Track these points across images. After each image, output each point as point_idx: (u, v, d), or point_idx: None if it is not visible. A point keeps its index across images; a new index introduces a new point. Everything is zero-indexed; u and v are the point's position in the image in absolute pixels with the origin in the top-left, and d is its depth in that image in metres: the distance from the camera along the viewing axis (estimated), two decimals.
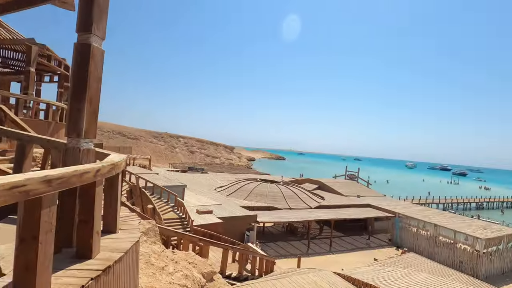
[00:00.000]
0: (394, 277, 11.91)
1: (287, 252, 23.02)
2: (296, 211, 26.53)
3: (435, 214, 29.87)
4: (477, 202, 62.90)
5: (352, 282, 10.05)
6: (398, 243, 28.04)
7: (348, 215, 27.12)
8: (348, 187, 40.47)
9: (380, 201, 35.15)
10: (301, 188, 33.81)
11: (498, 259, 23.59)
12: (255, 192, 29.77)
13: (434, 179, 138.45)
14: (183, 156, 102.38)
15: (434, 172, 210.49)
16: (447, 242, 24.66)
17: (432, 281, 11.64)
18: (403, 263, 17.12)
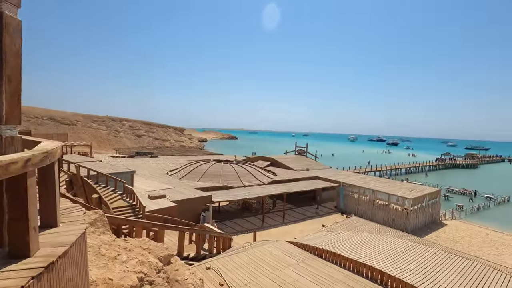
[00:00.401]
0: (340, 239, 13.20)
1: (243, 228, 23.79)
2: (250, 188, 27.26)
3: (373, 181, 33.43)
4: (406, 167, 71.88)
5: (304, 248, 10.90)
6: (343, 209, 30.96)
7: (298, 188, 28.79)
8: (298, 162, 42.67)
9: (327, 172, 37.94)
10: (254, 166, 34.63)
11: (422, 214, 27.69)
12: (209, 173, 29.65)
13: (372, 150, 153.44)
14: (128, 140, 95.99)
15: (372, 144, 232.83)
16: (383, 204, 28.00)
17: (371, 239, 13.22)
18: (347, 226, 19.07)
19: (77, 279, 2.71)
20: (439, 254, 11.49)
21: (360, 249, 11.35)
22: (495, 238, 25.94)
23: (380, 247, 11.84)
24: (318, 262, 9.63)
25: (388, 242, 12.53)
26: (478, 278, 9.67)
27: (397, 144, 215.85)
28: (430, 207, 29.00)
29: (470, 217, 33.01)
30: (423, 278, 9.05)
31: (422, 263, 10.47)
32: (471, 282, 9.27)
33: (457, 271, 10.00)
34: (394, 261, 10.39)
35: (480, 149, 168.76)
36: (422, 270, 9.74)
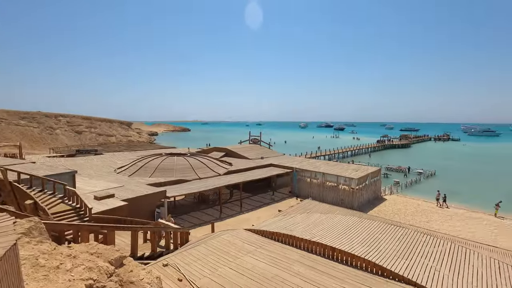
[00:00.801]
0: (294, 222, 13.85)
1: (201, 220, 23.54)
2: (206, 180, 26.92)
3: (323, 165, 35.55)
4: (352, 150, 77.81)
5: (262, 234, 11.23)
6: (297, 193, 32.47)
7: (254, 176, 29.30)
8: (253, 151, 43.25)
9: (281, 159, 39.20)
10: (209, 157, 34.18)
11: (366, 192, 30.42)
12: (162, 168, 28.46)
13: (321, 135, 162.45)
14: (67, 138, 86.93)
15: (321, 130, 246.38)
16: (332, 185, 30.03)
17: (323, 219, 14.15)
18: (301, 209, 20.08)
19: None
20: (381, 226, 12.80)
21: (313, 229, 12.07)
22: (425, 207, 29.77)
23: (331, 226, 12.74)
24: (276, 245, 10.01)
25: (337, 220, 13.53)
26: (412, 242, 11.04)
27: (343, 129, 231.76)
28: (373, 184, 31.98)
29: (405, 191, 37.26)
30: (368, 248, 10.01)
31: (367, 235, 11.56)
32: (407, 247, 10.55)
33: (395, 239, 11.28)
34: (343, 236, 11.28)
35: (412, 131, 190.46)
36: (367, 242, 10.77)
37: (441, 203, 30.58)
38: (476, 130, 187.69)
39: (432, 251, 10.49)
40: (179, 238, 12.13)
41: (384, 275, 8.02)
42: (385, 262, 8.65)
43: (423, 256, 9.92)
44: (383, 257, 9.29)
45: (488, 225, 24.83)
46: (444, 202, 30.67)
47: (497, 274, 9.41)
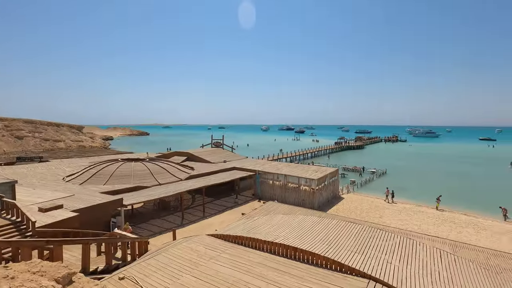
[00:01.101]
0: (258, 224, 13.94)
1: (161, 228, 22.57)
2: (166, 186, 25.93)
3: (285, 167, 36.39)
4: (312, 152, 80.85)
5: (225, 238, 11.11)
6: (260, 196, 32.78)
7: (217, 180, 28.93)
8: (215, 154, 42.77)
9: (243, 162, 39.30)
10: (170, 162, 33.02)
11: (325, 191, 31.77)
12: (118, 174, 26.78)
13: (282, 138, 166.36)
14: (5, 143, 77.85)
15: (282, 132, 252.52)
16: (294, 186, 30.86)
17: (285, 220, 14.45)
18: (264, 211, 20.31)
19: None
20: (339, 224, 13.45)
21: (276, 231, 12.26)
22: (378, 204, 31.99)
23: (293, 226, 13.06)
24: (239, 249, 9.97)
25: (299, 221, 13.92)
26: (367, 238, 11.77)
27: (303, 131, 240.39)
28: (331, 184, 33.53)
29: (360, 189, 39.69)
30: (328, 246, 10.44)
31: (327, 233, 12.07)
32: (363, 242, 11.21)
33: (352, 235, 11.93)
34: (305, 236, 11.63)
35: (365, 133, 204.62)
36: (327, 239, 11.23)
37: (390, 199, 33.19)
38: (420, 132, 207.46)
39: (384, 245, 11.29)
40: (137, 248, 11.47)
41: (343, 270, 8.43)
42: (343, 258, 9.10)
43: (377, 250, 10.62)
44: (341, 253, 9.77)
45: (431, 218, 27.46)
46: (392, 198, 33.32)
47: (439, 261, 10.44)
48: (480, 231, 24.15)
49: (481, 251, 15.51)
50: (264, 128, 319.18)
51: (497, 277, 10.89)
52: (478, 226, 25.55)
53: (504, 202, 31.79)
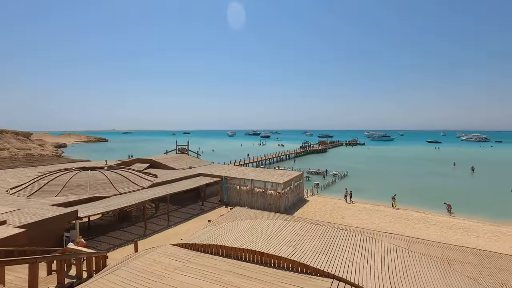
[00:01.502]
0: (224, 230, 13.78)
1: (122, 240, 21.28)
2: (127, 195, 24.56)
3: (251, 172, 36.53)
4: (277, 156, 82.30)
5: (190, 247, 10.79)
6: (227, 202, 32.48)
7: (182, 187, 28.11)
8: (180, 161, 41.60)
9: (209, 168, 38.72)
10: (131, 170, 31.40)
11: (291, 195, 32.44)
12: (72, 184, 24.79)
13: (248, 143, 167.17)
14: None
15: (248, 137, 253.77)
16: (261, 191, 31.08)
17: (252, 225, 14.46)
18: (231, 217, 20.12)
19: None
20: (304, 226, 13.79)
21: (243, 237, 12.21)
22: (340, 205, 33.43)
23: (260, 231, 13.10)
24: (206, 258, 9.75)
25: (266, 225, 14.01)
26: (330, 238, 12.22)
27: (269, 136, 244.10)
28: (297, 188, 34.35)
29: (324, 192, 41.19)
30: (294, 249, 10.63)
31: (293, 236, 12.29)
32: (327, 243, 11.61)
33: (317, 237, 12.29)
34: (272, 240, 11.73)
35: (327, 137, 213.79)
36: (293, 242, 11.43)
37: (349, 199, 35.03)
38: (376, 136, 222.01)
39: (346, 244, 11.80)
40: (94, 263, 10.68)
41: (308, 272, 8.63)
42: (308, 259, 9.33)
43: (340, 249, 11.07)
44: (307, 255, 10.01)
45: (388, 216, 29.35)
46: (350, 198, 35.19)
47: (395, 257, 11.17)
48: (430, 226, 26.33)
49: (431, 245, 16.89)
50: (230, 133, 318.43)
51: (445, 267, 11.93)
52: (428, 221, 27.86)
53: (448, 199, 35.12)
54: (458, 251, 15.25)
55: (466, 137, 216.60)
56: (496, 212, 32.43)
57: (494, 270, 12.90)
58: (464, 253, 14.92)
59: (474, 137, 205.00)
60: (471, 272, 12.75)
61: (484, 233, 24.72)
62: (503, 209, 34.01)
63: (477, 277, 12.34)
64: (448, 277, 10.84)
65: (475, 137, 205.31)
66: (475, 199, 38.60)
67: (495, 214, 31.37)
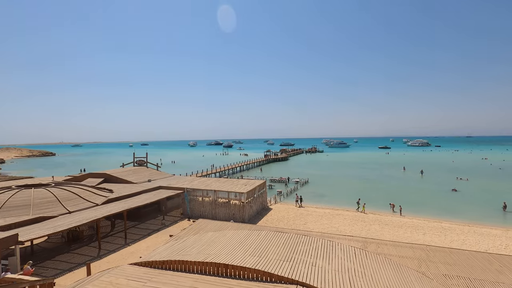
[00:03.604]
0: (187, 245, 13.32)
1: (72, 263, 19.38)
2: (78, 213, 22.57)
3: (214, 182, 36.00)
4: (241, 165, 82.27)
5: (150, 265, 10.22)
6: (189, 214, 31.49)
7: (140, 201, 26.63)
8: (138, 174, 39.55)
9: (170, 181, 37.34)
10: (82, 186, 29.01)
11: (255, 204, 32.55)
12: (11, 205, 22.11)
13: (211, 153, 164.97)
14: None
15: (211, 147, 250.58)
16: (224, 202, 30.71)
17: (216, 237, 14.19)
18: (194, 230, 19.54)
19: None
20: (268, 235, 13.91)
21: (207, 249, 11.92)
22: (303, 211, 34.35)
23: (224, 242, 12.92)
24: (166, 275, 9.31)
25: (229, 236, 13.86)
26: (294, 245, 12.47)
27: (231, 146, 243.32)
28: (260, 196, 34.59)
29: (286, 199, 42.01)
30: (258, 258, 10.66)
31: (257, 246, 12.32)
32: (290, 250, 11.83)
33: (280, 244, 12.47)
34: (236, 251, 11.62)
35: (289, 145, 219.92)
36: (257, 252, 11.46)
37: (299, 204, 36.90)
38: (334, 143, 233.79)
39: (309, 249, 12.15)
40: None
41: (273, 280, 8.70)
42: (273, 268, 9.41)
43: (303, 255, 11.35)
44: (271, 263, 10.09)
45: (346, 219, 30.85)
46: (300, 202, 37.19)
47: (353, 258, 11.77)
48: (383, 227, 28.23)
49: (385, 244, 18.10)
50: (192, 143, 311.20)
51: (398, 264, 12.86)
52: (382, 222, 29.87)
53: (398, 200, 38.11)
54: (408, 248, 16.55)
55: (411, 142, 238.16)
56: (438, 210, 35.94)
57: (438, 263, 14.23)
58: (413, 249, 16.22)
59: (418, 143, 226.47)
60: (419, 267, 13.91)
61: (429, 230, 27.18)
62: (445, 207, 37.83)
63: (425, 271, 13.50)
64: (401, 273, 11.70)
65: (418, 142, 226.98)
66: (422, 199, 42.39)
67: (438, 212, 34.75)
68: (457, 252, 15.80)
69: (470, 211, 35.47)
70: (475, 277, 12.88)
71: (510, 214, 34.23)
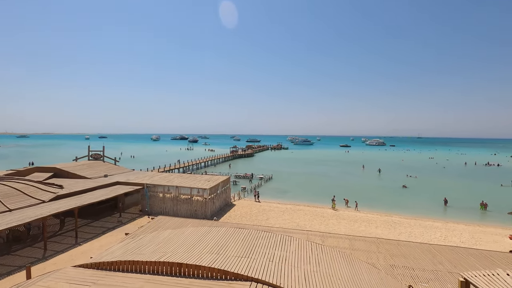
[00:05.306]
0: (143, 243, 12.74)
1: (12, 267, 17.56)
2: (21, 211, 20.50)
3: (177, 178, 34.95)
4: (206, 161, 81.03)
5: (98, 267, 9.54)
6: (149, 211, 30.26)
7: (95, 198, 24.94)
8: (93, 169, 37.05)
9: (129, 176, 35.52)
10: (27, 181, 26.40)
11: (218, 200, 32.24)
12: None
13: (175, 148, 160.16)
14: None
15: (175, 142, 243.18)
16: (186, 198, 29.98)
17: (174, 234, 13.75)
18: (152, 227, 18.79)
19: None
20: (229, 231, 13.81)
21: (163, 248, 11.49)
22: (265, 207, 34.82)
23: (182, 240, 12.55)
24: (116, 277, 8.77)
25: (188, 233, 13.52)
26: (253, 241, 12.52)
27: (197, 141, 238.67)
28: (223, 193, 34.35)
29: (250, 195, 42.26)
30: (216, 255, 10.50)
31: (216, 242, 12.15)
32: (249, 246, 11.84)
33: (240, 241, 12.44)
34: (194, 249, 11.35)
35: (255, 141, 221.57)
36: (216, 249, 11.30)
37: (257, 199, 38.09)
38: (298, 140, 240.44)
39: (268, 245, 12.28)
40: None
41: (228, 278, 8.62)
42: (229, 265, 9.33)
43: (261, 251, 11.44)
44: (229, 260, 10.00)
45: (307, 215, 31.90)
46: (258, 198, 38.27)
47: (310, 253, 12.15)
48: (341, 221, 29.67)
49: (341, 238, 19.02)
50: (155, 137, 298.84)
51: (351, 257, 13.55)
52: (339, 217, 31.37)
53: (357, 196, 40.28)
54: (362, 241, 17.54)
55: (369, 142, 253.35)
56: (390, 205, 38.71)
57: (387, 254, 15.28)
58: (365, 242, 17.23)
59: (374, 142, 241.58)
60: (370, 258, 14.82)
61: (381, 223, 29.14)
62: (395, 202, 40.86)
63: (375, 262, 14.42)
64: (353, 265, 12.33)
65: (375, 142, 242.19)
66: (376, 195, 45.32)
67: (389, 207, 37.41)
68: (404, 244, 17.11)
69: (417, 206, 38.73)
70: (418, 266, 14.05)
71: (449, 208, 38.01)
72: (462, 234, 26.28)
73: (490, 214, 35.28)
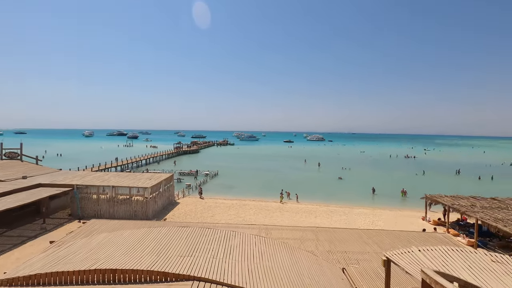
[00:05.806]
0: (72, 250, 11.47)
1: None
2: None
3: (113, 177, 32.19)
4: (147, 158, 76.39)
5: (12, 283, 8.25)
6: (80, 215, 27.35)
7: (10, 204, 21.49)
8: (8, 169, 31.93)
9: (55, 176, 31.49)
10: None
11: (160, 199, 30.75)
12: None
13: (112, 144, 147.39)
14: None
15: (112, 138, 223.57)
16: (125, 198, 27.89)
17: (109, 238, 12.64)
18: (84, 233, 17.01)
19: None
20: (171, 231, 13.26)
21: (96, 254, 10.49)
22: (211, 204, 34.43)
23: (118, 244, 11.63)
24: None
25: (126, 236, 12.60)
26: (196, 239, 12.24)
27: (137, 137, 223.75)
28: (166, 191, 32.89)
29: (195, 192, 41.33)
30: (156, 257, 9.99)
31: (157, 244, 11.56)
32: (192, 244, 11.55)
33: (183, 240, 12.06)
34: (131, 252, 10.60)
35: (200, 137, 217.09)
36: (156, 250, 10.74)
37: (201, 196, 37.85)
38: (244, 136, 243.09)
39: (212, 241, 12.15)
40: None
41: (168, 279, 8.28)
42: (170, 266, 8.97)
43: (205, 248, 11.26)
44: (170, 261, 9.61)
45: (252, 209, 32.53)
46: (201, 194, 38.04)
47: (254, 246, 12.40)
48: (284, 213, 31.02)
49: (284, 229, 19.88)
50: (87, 133, 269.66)
51: (292, 247, 14.27)
52: (283, 209, 32.78)
53: (298, 188, 42.50)
54: (302, 230, 18.61)
55: (310, 137, 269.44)
56: (328, 195, 41.85)
57: (324, 241, 16.50)
58: (305, 231, 18.33)
59: (315, 137, 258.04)
60: (310, 246, 15.81)
61: (320, 213, 31.35)
62: (332, 192, 44.33)
63: (314, 250, 15.44)
64: (294, 254, 13.00)
65: (315, 137, 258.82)
66: (316, 187, 48.51)
67: (327, 197, 40.43)
68: (339, 231, 18.68)
69: (350, 195, 42.67)
70: (350, 250, 15.51)
71: (376, 196, 42.80)
72: (387, 218, 29.87)
73: (408, 200, 40.79)
